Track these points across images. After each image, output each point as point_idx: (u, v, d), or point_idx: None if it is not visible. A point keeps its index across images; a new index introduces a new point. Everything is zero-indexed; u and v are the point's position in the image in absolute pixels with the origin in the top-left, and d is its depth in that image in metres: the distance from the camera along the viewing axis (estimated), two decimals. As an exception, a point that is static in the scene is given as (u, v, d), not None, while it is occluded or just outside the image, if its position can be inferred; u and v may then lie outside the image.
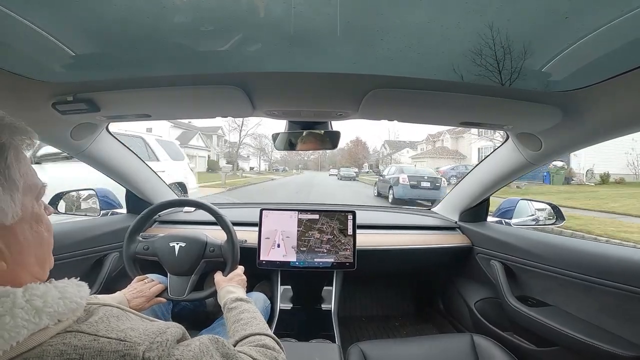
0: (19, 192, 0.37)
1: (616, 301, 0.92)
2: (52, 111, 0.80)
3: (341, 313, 1.45)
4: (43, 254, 0.41)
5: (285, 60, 0.64)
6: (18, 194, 0.36)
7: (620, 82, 0.60)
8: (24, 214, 0.37)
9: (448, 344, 1.03)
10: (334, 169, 36.41)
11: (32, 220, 0.39)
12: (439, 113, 0.89)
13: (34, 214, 0.40)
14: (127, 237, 1.05)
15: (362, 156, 40.19)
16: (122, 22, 0.51)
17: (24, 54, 0.61)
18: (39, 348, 0.33)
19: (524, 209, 1.54)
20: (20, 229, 0.37)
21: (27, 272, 0.38)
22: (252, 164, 42.36)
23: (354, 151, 50.57)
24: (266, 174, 32.55)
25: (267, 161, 45.92)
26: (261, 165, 42.48)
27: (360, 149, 43.35)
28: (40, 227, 0.40)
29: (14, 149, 0.37)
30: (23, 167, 0.38)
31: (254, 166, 41.37)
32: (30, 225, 0.39)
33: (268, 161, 46.80)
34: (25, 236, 0.38)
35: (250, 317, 0.70)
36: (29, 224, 0.39)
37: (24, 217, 0.38)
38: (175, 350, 0.39)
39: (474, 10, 0.46)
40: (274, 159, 48.85)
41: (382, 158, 38.35)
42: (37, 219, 0.40)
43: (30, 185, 0.39)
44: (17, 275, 0.37)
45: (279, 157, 52.21)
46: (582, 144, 0.91)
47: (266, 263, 1.28)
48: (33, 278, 0.39)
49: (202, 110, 0.96)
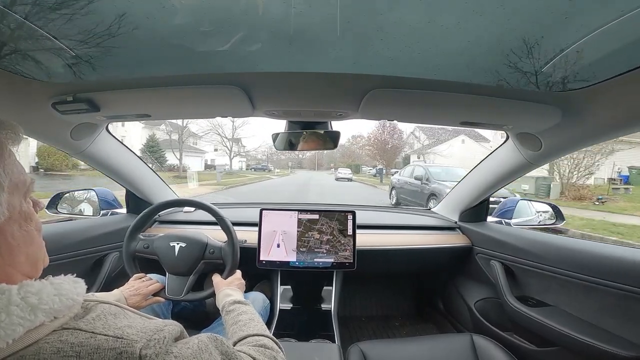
0: (4, 192, 0.36)
1: (616, 301, 0.92)
2: (52, 111, 0.80)
3: (341, 313, 1.45)
4: (34, 252, 0.40)
5: (285, 60, 0.64)
6: (3, 193, 0.35)
7: (620, 82, 0.60)
8: (11, 213, 0.36)
9: (448, 344, 1.03)
10: (344, 169, 25.55)
11: (21, 220, 0.38)
12: (439, 113, 0.89)
13: (23, 213, 0.39)
14: (128, 234, 1.05)
15: (392, 150, 26.55)
16: (122, 22, 0.51)
17: (24, 54, 0.60)
18: (35, 345, 0.33)
19: (524, 209, 1.54)
20: (9, 229, 0.36)
21: (18, 271, 0.38)
22: (214, 158, 30.29)
23: (351, 150, 43.15)
24: (240, 175, 22.92)
25: (242, 155, 34.10)
26: (233, 162, 28.41)
27: (395, 138, 27.37)
28: (29, 225, 0.40)
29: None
30: (8, 164, 0.37)
31: (225, 163, 27.83)
32: (19, 225, 0.38)
33: (245, 156, 35.36)
34: (15, 236, 0.37)
35: (248, 318, 0.70)
36: (18, 223, 0.38)
37: (12, 216, 0.37)
38: (173, 348, 0.39)
39: (474, 10, 0.46)
40: (253, 154, 36.88)
41: (419, 150, 26.06)
42: (26, 217, 0.39)
43: (17, 182, 0.38)
44: (8, 275, 0.36)
45: (259, 153, 39.72)
46: (582, 144, 0.92)
47: (266, 263, 1.28)
48: (25, 277, 0.38)
49: (202, 110, 0.96)
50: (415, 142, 29.92)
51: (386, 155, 26.78)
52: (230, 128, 25.57)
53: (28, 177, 0.40)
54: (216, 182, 14.99)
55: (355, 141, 47.20)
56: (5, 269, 0.36)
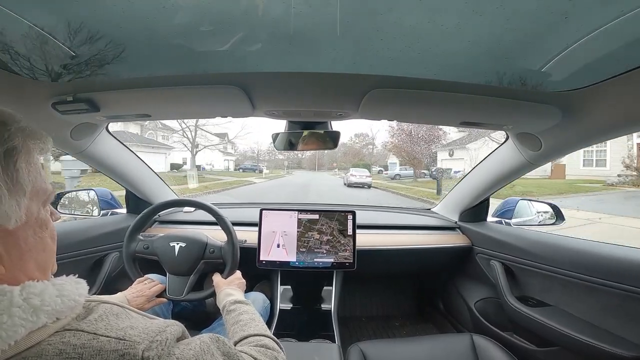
0: (26, 197, 0.36)
1: (617, 301, 0.92)
2: (52, 111, 0.80)
3: (341, 313, 1.45)
4: (45, 259, 0.40)
5: (285, 60, 0.64)
6: (24, 198, 0.36)
7: (620, 82, 0.60)
8: (28, 219, 0.37)
9: (448, 344, 1.03)
10: (359, 170, 17.09)
11: (37, 226, 0.39)
12: (439, 113, 0.89)
13: (39, 220, 0.39)
14: (128, 235, 1.05)
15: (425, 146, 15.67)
16: (122, 22, 0.51)
17: (24, 54, 0.61)
18: (37, 347, 0.33)
19: (524, 209, 1.54)
20: (23, 234, 0.37)
21: (26, 276, 0.37)
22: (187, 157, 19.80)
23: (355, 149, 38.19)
24: (208, 180, 15.08)
25: (228, 153, 27.21)
26: (217, 160, 22.77)
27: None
28: (44, 233, 0.40)
29: (26, 153, 0.36)
30: (33, 171, 0.37)
31: (209, 163, 22.08)
32: (34, 231, 0.38)
33: (233, 154, 29.60)
34: (28, 242, 0.37)
35: (249, 318, 0.71)
36: (33, 229, 0.38)
37: (28, 222, 0.37)
38: (175, 349, 0.39)
39: (474, 10, 0.46)
40: (242, 151, 32.16)
41: (452, 145, 17.23)
42: (42, 224, 0.40)
43: (39, 190, 0.38)
44: (15, 280, 0.36)
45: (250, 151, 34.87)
46: (582, 144, 0.92)
47: (266, 263, 1.28)
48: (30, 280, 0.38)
49: (202, 110, 0.96)
50: (442, 136, 19.01)
51: (418, 152, 17.28)
52: (212, 121, 16.78)
53: (50, 187, 0.41)
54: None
55: (358, 140, 43.77)
56: (13, 272, 0.36)
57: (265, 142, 40.88)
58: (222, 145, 24.77)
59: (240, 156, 34.97)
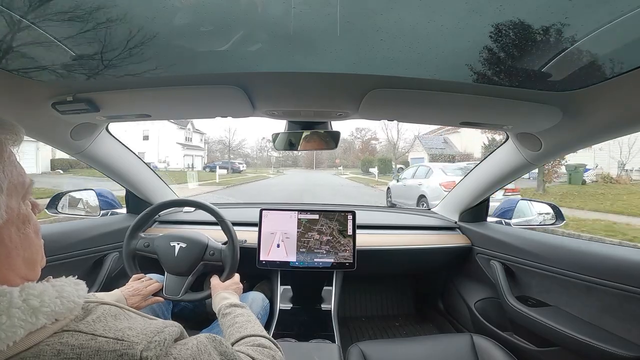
0: (3, 194, 0.35)
1: (616, 301, 0.91)
2: (52, 111, 0.80)
3: (341, 313, 1.45)
4: (31, 255, 0.40)
5: (285, 60, 0.64)
6: (2, 195, 0.35)
7: (620, 82, 0.60)
8: (9, 216, 0.36)
9: (448, 344, 1.03)
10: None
11: (19, 222, 0.38)
12: (438, 113, 0.89)
13: (21, 216, 0.38)
14: (129, 233, 1.05)
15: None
16: (122, 22, 0.51)
17: (24, 54, 0.60)
18: (36, 347, 0.33)
19: (524, 210, 1.54)
20: (7, 232, 0.36)
21: (15, 274, 0.37)
22: (144, 152, 14.75)
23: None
24: (177, 175, 11.93)
25: (194, 147, 20.39)
26: (185, 158, 17.10)
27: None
28: (27, 228, 0.39)
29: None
30: (8, 165, 0.36)
31: (162, 161, 16.63)
32: (17, 228, 0.37)
33: (202, 149, 22.28)
34: (12, 239, 0.36)
35: (245, 320, 0.71)
36: (16, 226, 0.37)
37: (9, 219, 0.36)
38: (173, 349, 0.39)
39: (474, 10, 0.46)
40: (216, 139, 24.56)
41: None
42: (25, 220, 0.39)
43: (16, 184, 0.37)
44: (6, 278, 0.36)
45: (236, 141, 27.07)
46: (582, 144, 0.91)
47: (266, 263, 1.28)
48: (23, 279, 0.38)
49: (202, 110, 0.96)
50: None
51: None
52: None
53: (27, 179, 0.39)
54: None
55: (360, 134, 40.77)
56: (2, 272, 0.35)
57: (240, 130, 29.14)
58: (184, 137, 17.16)
59: (210, 151, 25.76)
